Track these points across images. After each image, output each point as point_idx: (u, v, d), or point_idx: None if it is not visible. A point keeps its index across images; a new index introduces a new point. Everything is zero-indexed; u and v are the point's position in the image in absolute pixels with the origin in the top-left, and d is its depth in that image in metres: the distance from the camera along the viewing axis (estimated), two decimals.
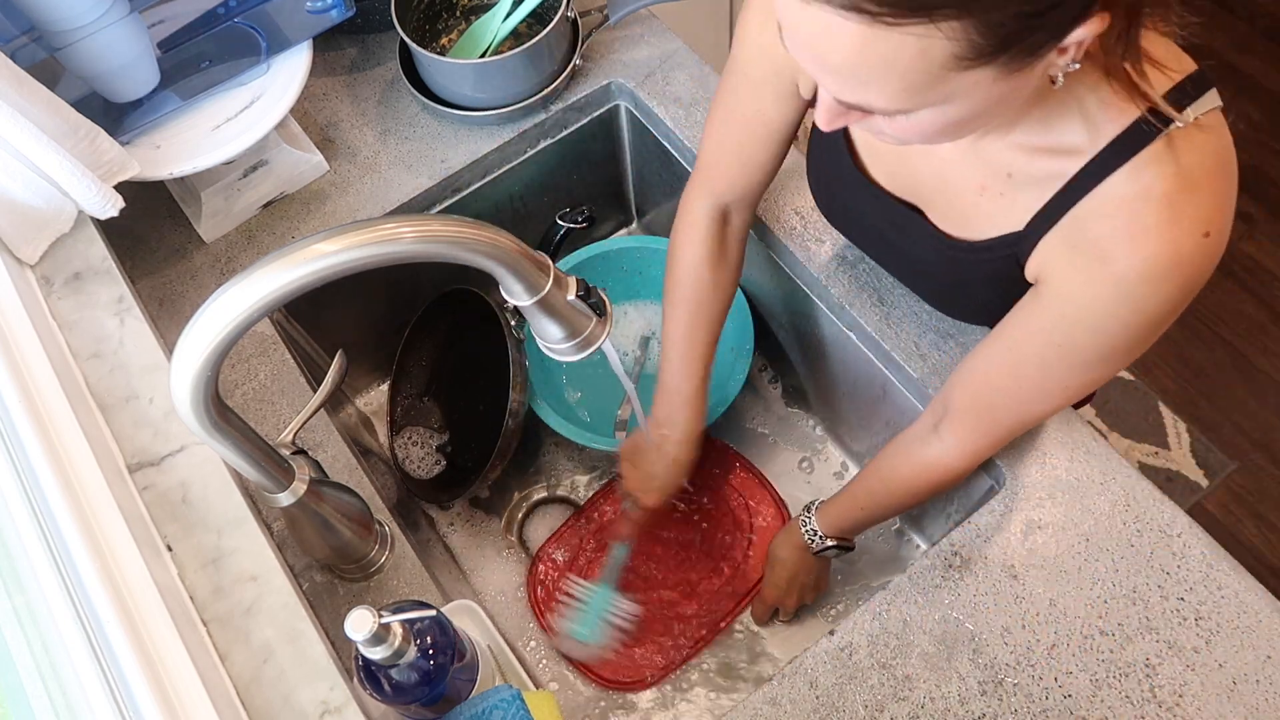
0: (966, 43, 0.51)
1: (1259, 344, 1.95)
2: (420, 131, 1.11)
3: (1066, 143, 0.65)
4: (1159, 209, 0.62)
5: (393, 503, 1.04)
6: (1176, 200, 0.61)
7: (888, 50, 0.52)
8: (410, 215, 0.61)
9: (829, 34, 0.53)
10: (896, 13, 0.50)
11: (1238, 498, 1.80)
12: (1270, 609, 0.80)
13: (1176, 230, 0.62)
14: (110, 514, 0.74)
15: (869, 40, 0.52)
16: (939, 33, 0.51)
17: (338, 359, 0.81)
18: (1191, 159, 0.61)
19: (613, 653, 1.07)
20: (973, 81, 0.54)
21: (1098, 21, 0.53)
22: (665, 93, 1.12)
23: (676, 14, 1.23)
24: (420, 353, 1.21)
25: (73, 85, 0.91)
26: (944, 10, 0.50)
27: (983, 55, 0.52)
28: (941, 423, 0.82)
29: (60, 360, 0.84)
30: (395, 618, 0.68)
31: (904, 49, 0.52)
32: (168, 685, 0.67)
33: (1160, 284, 0.64)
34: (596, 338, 0.69)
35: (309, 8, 0.96)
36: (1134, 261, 0.63)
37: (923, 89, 0.55)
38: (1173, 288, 0.64)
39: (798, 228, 1.02)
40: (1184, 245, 0.62)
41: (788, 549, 1.01)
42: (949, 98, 0.56)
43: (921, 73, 0.53)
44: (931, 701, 0.79)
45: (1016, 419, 0.80)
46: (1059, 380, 0.73)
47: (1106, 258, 0.64)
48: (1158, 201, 0.62)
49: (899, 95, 0.55)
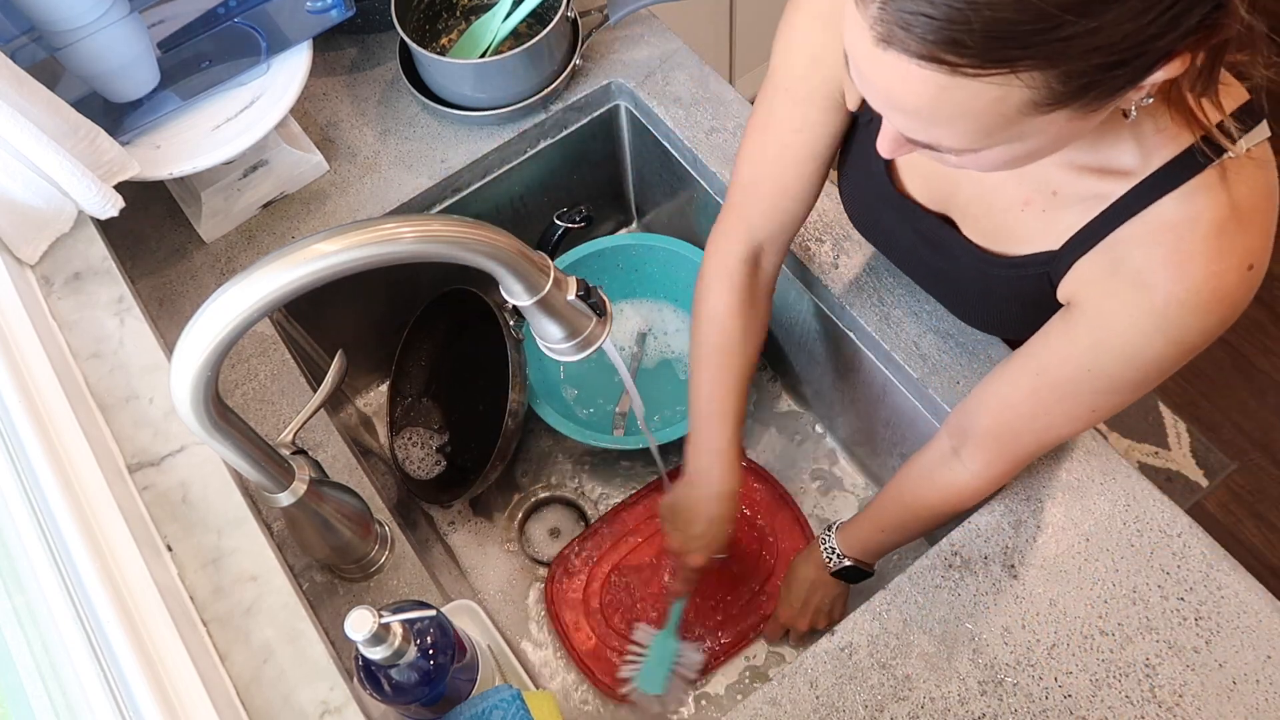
0: (1046, 90, 0.50)
1: (1259, 344, 1.95)
2: (420, 131, 1.11)
3: (1116, 164, 0.64)
4: (1207, 238, 0.60)
5: (393, 503, 1.04)
6: (1226, 230, 0.60)
7: (965, 97, 0.51)
8: (410, 215, 0.61)
9: (905, 81, 0.52)
10: (978, 64, 0.49)
11: (1238, 498, 1.80)
12: (1270, 609, 0.80)
13: (1222, 263, 0.60)
14: (110, 514, 0.74)
15: (946, 88, 0.50)
16: (1019, 81, 0.50)
17: (338, 359, 0.81)
18: (1242, 191, 0.60)
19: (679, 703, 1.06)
20: (1047, 122, 0.53)
21: (1179, 64, 0.51)
22: (665, 93, 1.12)
23: (676, 14, 1.23)
24: (419, 353, 1.21)
25: (73, 85, 0.91)
26: (1026, 62, 0.48)
27: (1060, 100, 0.51)
28: (963, 447, 0.81)
29: (60, 360, 0.84)
30: (395, 618, 0.68)
31: (981, 96, 0.51)
32: (168, 685, 0.67)
33: (1201, 316, 0.62)
34: (597, 337, 0.69)
35: (309, 8, 0.96)
36: (1176, 290, 0.62)
37: (995, 131, 0.54)
38: (1213, 320, 0.63)
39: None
40: (1229, 278, 0.61)
41: (807, 567, 1.00)
42: (1021, 136, 0.55)
43: (997, 116, 0.52)
44: (931, 701, 0.79)
45: (1040, 443, 0.79)
46: (1087, 405, 0.72)
47: (1148, 285, 0.63)
48: (1206, 230, 0.60)
49: (970, 136, 0.54)
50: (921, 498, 0.87)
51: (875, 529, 0.93)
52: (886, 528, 0.92)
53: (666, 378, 1.24)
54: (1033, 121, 0.53)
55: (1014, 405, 0.76)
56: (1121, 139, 0.63)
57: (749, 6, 1.85)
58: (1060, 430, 0.77)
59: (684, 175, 1.13)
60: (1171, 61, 0.51)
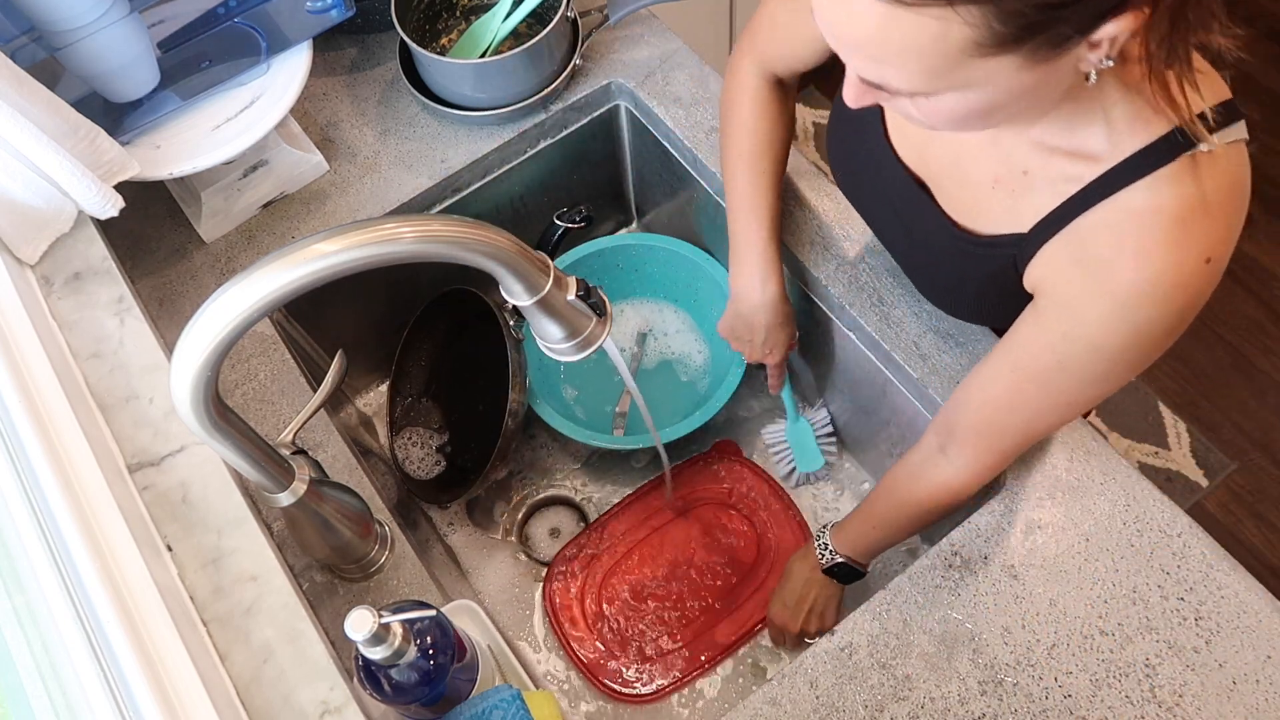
0: (986, 30, 0.51)
1: (1259, 344, 1.95)
2: (420, 131, 1.11)
3: (1087, 147, 0.64)
4: (1169, 227, 0.61)
5: (393, 503, 1.04)
6: (1188, 221, 0.61)
7: (906, 31, 0.52)
8: (410, 215, 0.61)
9: (850, 14, 0.54)
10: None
11: (1238, 498, 1.80)
12: (1270, 609, 0.80)
13: (1181, 252, 0.61)
14: (110, 514, 0.74)
15: (888, 20, 0.52)
16: (957, 18, 0.51)
17: (338, 359, 0.81)
18: (1211, 184, 0.61)
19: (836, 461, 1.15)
20: (994, 68, 0.54)
21: (1130, 19, 0.52)
22: (665, 93, 1.12)
23: (676, 14, 1.23)
24: (419, 353, 1.21)
25: (73, 85, 0.91)
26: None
27: (1003, 43, 0.52)
28: (948, 444, 0.82)
29: (60, 360, 0.84)
30: (395, 618, 0.68)
31: (922, 31, 0.52)
32: (168, 685, 0.67)
33: (1160, 305, 0.63)
34: (597, 337, 0.69)
35: (309, 8, 0.96)
36: (1136, 279, 0.62)
37: (941, 73, 0.55)
38: (1171, 310, 0.64)
39: (798, 227, 1.02)
40: (1186, 268, 0.62)
41: (802, 565, 1.01)
42: (970, 84, 0.56)
43: (940, 56, 0.54)
44: (931, 701, 0.79)
45: (1024, 435, 0.79)
46: (1063, 396, 0.73)
47: (1108, 272, 0.64)
48: (1170, 219, 0.61)
49: (917, 77, 0.56)
50: (911, 495, 0.88)
51: (867, 526, 0.94)
52: (878, 525, 0.92)
53: (666, 378, 1.24)
54: (979, 66, 0.54)
55: (994, 400, 0.77)
56: (1094, 122, 0.63)
57: (749, 6, 1.85)
58: (1043, 422, 0.77)
59: (684, 175, 1.13)
60: (1123, 15, 0.52)
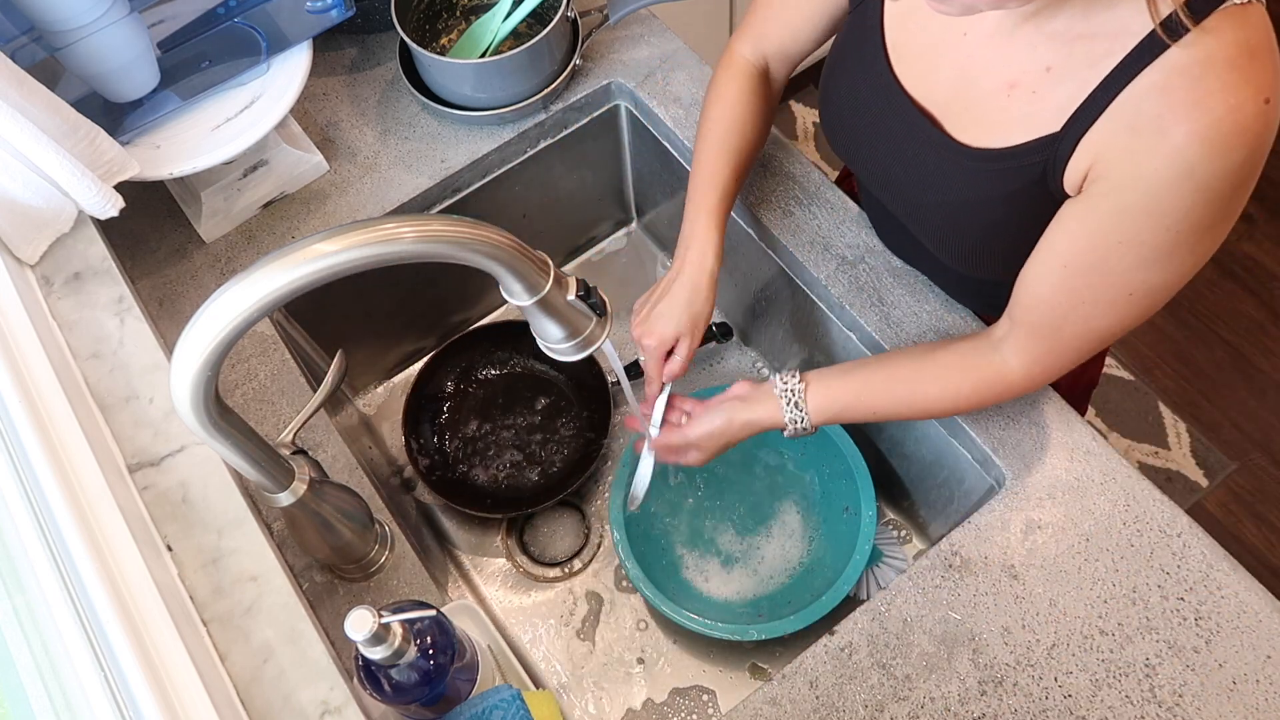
0: None
1: (1259, 344, 1.95)
2: (420, 131, 1.11)
3: (1113, 26, 0.63)
4: (1222, 72, 0.60)
5: (393, 503, 1.04)
6: (1239, 64, 0.60)
7: None
8: (410, 215, 0.61)
9: None
10: None
11: (1238, 498, 1.80)
12: (1270, 609, 0.80)
13: (1239, 95, 0.60)
14: (110, 514, 0.74)
15: None
16: None
17: (338, 359, 0.82)
18: (1248, 31, 0.60)
19: None
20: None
21: None
22: (665, 93, 1.12)
23: (676, 14, 1.23)
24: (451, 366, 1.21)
25: (73, 85, 0.91)
26: None
27: None
28: (1006, 340, 0.79)
29: (60, 360, 0.84)
30: (395, 618, 0.68)
31: None
32: (168, 685, 0.67)
33: (1224, 154, 0.61)
34: (596, 338, 0.69)
35: (309, 8, 0.96)
36: (1195, 129, 0.60)
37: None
38: (1237, 158, 0.61)
39: (798, 227, 1.02)
40: (1247, 110, 0.60)
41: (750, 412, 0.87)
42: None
43: None
44: (931, 701, 0.79)
45: (1084, 336, 0.75)
46: (1123, 286, 0.69)
47: (1164, 131, 0.61)
48: (1222, 64, 0.60)
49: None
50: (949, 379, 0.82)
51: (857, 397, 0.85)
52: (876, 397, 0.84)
53: None
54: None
55: (1045, 300, 0.73)
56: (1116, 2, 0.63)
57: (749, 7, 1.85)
58: (1101, 320, 0.73)
59: (684, 175, 1.13)
60: None
